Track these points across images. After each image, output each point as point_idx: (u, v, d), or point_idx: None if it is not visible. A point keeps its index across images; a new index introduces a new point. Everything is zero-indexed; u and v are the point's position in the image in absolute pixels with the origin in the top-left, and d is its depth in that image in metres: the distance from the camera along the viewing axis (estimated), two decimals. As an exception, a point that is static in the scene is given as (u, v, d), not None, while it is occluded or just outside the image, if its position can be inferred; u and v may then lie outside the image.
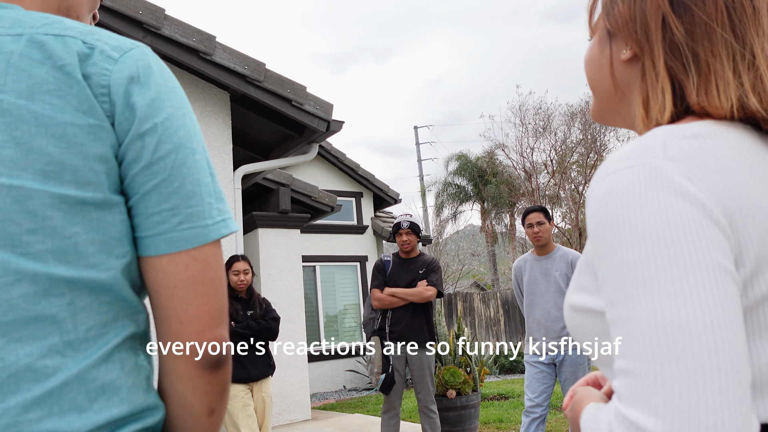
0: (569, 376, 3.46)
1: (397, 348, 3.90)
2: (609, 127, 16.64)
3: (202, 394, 0.67)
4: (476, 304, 11.93)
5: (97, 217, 0.63)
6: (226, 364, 0.68)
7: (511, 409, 6.16)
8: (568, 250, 3.65)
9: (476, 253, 21.40)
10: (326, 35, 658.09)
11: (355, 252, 10.32)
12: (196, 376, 0.66)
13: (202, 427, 0.69)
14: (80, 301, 0.62)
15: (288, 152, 5.75)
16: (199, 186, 0.67)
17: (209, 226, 0.67)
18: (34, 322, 0.60)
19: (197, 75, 5.01)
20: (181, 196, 0.66)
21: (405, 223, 4.04)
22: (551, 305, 3.52)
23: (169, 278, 0.65)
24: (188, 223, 0.66)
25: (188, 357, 0.66)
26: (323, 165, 10.46)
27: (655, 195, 0.51)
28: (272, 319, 3.88)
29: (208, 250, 0.67)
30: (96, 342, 0.63)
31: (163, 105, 0.68)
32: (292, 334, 6.62)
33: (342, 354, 9.69)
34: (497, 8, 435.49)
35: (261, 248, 6.66)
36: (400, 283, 3.98)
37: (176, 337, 0.65)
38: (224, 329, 0.68)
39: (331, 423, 6.15)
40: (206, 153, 0.71)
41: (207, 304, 0.66)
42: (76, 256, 0.62)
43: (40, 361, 0.59)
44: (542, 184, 17.13)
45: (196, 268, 0.66)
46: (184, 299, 0.65)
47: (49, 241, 0.61)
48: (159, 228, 0.65)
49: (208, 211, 0.68)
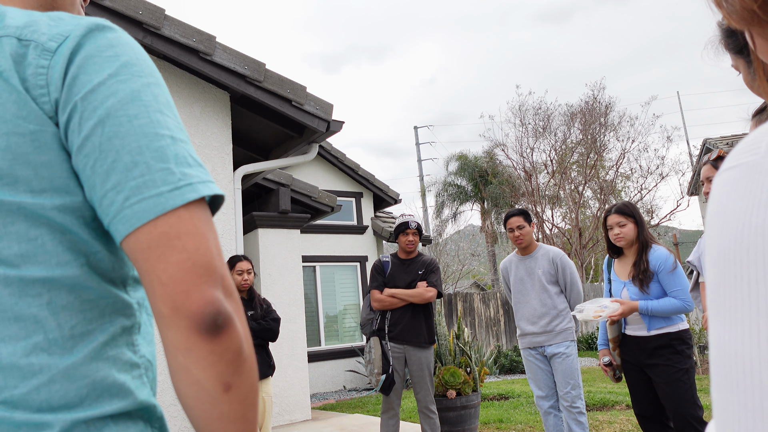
0: (559, 368, 3.58)
1: (396, 348, 3.90)
2: (609, 127, 16.63)
3: (208, 366, 0.59)
4: (476, 304, 11.93)
5: (62, 221, 0.62)
6: (228, 327, 0.60)
7: (511, 409, 6.16)
8: (549, 248, 3.79)
9: (476, 253, 21.39)
10: (318, 36, 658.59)
11: (355, 252, 10.32)
12: (195, 344, 0.58)
13: (222, 406, 0.60)
14: (59, 300, 0.62)
15: (288, 152, 5.75)
16: (142, 153, 0.60)
17: (164, 193, 0.60)
18: (15, 322, 0.60)
19: (197, 75, 5.01)
20: (119, 171, 0.60)
21: (413, 223, 4.05)
22: (537, 302, 3.69)
23: (141, 244, 0.59)
24: (135, 196, 0.59)
25: (180, 323, 0.58)
26: (323, 165, 10.46)
27: (740, 204, 0.44)
28: (273, 320, 3.89)
29: (173, 217, 0.60)
30: (83, 339, 0.63)
31: (88, 78, 0.62)
32: (292, 334, 6.62)
33: (342, 354, 9.69)
34: (486, 11, 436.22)
35: (261, 248, 6.66)
36: (400, 283, 3.98)
37: (162, 302, 0.59)
38: (215, 288, 0.60)
39: (331, 423, 6.14)
40: (164, 116, 0.64)
41: (189, 260, 0.59)
42: (45, 257, 0.61)
43: (25, 359, 0.59)
44: (542, 184, 17.13)
45: (167, 225, 0.59)
46: (161, 258, 0.59)
47: (15, 246, 0.60)
48: (110, 210, 0.60)
49: (162, 178, 0.60)
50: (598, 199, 16.57)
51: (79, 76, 0.62)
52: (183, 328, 0.58)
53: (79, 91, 0.61)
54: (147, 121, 0.62)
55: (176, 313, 0.58)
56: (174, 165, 0.62)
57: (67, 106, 0.61)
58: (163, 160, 0.61)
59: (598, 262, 16.56)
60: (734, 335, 0.43)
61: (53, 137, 0.62)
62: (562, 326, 3.63)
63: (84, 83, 0.61)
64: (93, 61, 0.62)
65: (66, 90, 0.61)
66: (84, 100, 0.61)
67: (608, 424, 5.03)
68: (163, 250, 0.59)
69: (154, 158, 0.61)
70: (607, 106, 16.68)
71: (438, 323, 5.23)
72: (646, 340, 3.05)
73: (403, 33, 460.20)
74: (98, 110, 0.61)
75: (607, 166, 17.07)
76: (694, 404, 2.89)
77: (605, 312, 3.03)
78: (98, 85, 0.61)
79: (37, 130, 0.61)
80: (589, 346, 12.63)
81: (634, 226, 3.13)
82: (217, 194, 0.65)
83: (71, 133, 0.61)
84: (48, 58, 0.62)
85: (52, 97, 0.61)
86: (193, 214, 0.61)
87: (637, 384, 3.13)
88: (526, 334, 3.72)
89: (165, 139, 0.62)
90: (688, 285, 3.02)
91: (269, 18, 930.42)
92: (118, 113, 0.61)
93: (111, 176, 0.60)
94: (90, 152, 0.61)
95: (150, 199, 0.60)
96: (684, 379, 2.91)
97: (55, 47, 0.62)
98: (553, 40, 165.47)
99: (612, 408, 5.84)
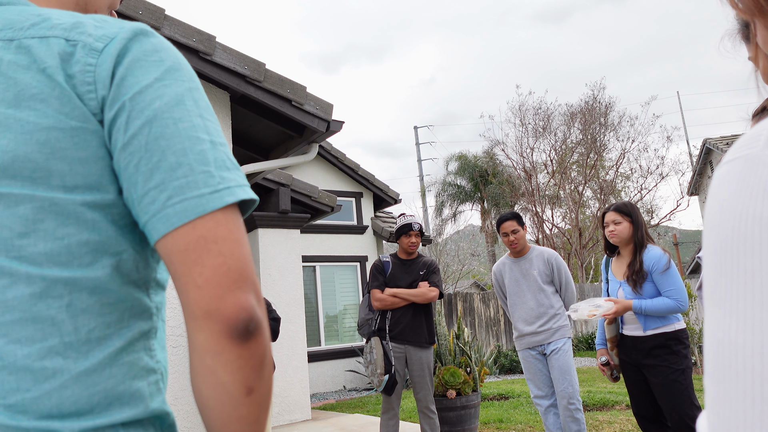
0: (555, 365, 3.61)
1: (397, 348, 3.90)
2: (609, 127, 16.64)
3: (235, 370, 0.60)
4: (476, 304, 11.93)
5: (92, 218, 0.63)
6: (258, 333, 0.61)
7: (511, 409, 6.16)
8: (542, 248, 3.86)
9: (476, 253, 21.39)
10: (316, 36, 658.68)
11: (355, 252, 10.32)
12: (225, 348, 0.59)
13: (242, 409, 0.61)
14: (80, 303, 0.61)
15: (288, 152, 5.76)
16: (186, 155, 0.62)
17: (205, 195, 0.61)
18: (32, 324, 0.59)
19: (197, 75, 5.02)
20: (164, 170, 0.61)
21: (416, 225, 4.08)
22: (533, 302, 3.74)
23: (178, 245, 0.61)
24: (178, 195, 0.61)
25: (213, 326, 0.59)
26: (323, 165, 10.46)
27: (738, 196, 0.45)
28: (273, 320, 3.89)
29: (211, 221, 0.61)
30: (99, 344, 0.62)
31: (136, 80, 0.64)
32: (292, 334, 6.62)
33: (342, 354, 9.69)
34: (485, 11, 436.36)
35: (261, 248, 6.66)
36: (401, 284, 3.99)
37: (196, 305, 0.60)
38: (249, 294, 0.61)
39: (331, 423, 6.14)
40: (204, 120, 0.66)
41: (224, 264, 0.60)
42: (69, 257, 0.61)
43: (39, 363, 0.59)
44: (542, 184, 17.13)
45: (205, 228, 0.61)
46: (198, 261, 0.60)
47: (41, 244, 0.60)
48: (151, 209, 0.61)
49: (204, 180, 0.62)
50: (598, 199, 16.57)
51: (127, 77, 0.63)
52: (215, 332, 0.59)
53: (127, 92, 0.63)
54: (190, 124, 0.64)
55: (209, 317, 0.59)
56: (214, 168, 0.63)
57: (114, 104, 0.63)
58: (204, 163, 0.63)
59: (598, 262, 16.56)
60: (731, 324, 0.44)
61: (94, 134, 0.63)
62: (558, 324, 3.68)
63: (132, 84, 0.63)
64: (140, 64, 0.64)
65: (114, 89, 0.63)
66: (132, 101, 0.63)
67: (608, 424, 5.03)
68: (200, 253, 0.60)
69: (197, 161, 0.62)
70: (607, 106, 16.68)
71: (438, 323, 5.23)
72: (642, 340, 3.06)
73: (402, 33, 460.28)
74: (146, 111, 0.62)
75: (607, 166, 17.08)
76: (691, 404, 2.90)
77: (599, 311, 3.06)
78: (146, 87, 0.63)
79: (78, 127, 0.62)
80: (589, 346, 12.64)
81: (629, 225, 3.15)
82: (252, 198, 0.66)
83: (116, 131, 0.63)
84: (95, 57, 0.63)
85: (99, 94, 0.63)
86: (229, 218, 0.63)
87: (635, 384, 3.14)
88: (524, 335, 3.75)
89: (206, 143, 0.64)
90: (682, 285, 3.03)
91: (269, 18, 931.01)
92: (164, 115, 0.63)
93: (155, 175, 0.61)
94: (135, 150, 0.62)
95: (192, 199, 0.61)
96: (680, 379, 2.92)
97: (102, 47, 0.64)
98: (552, 40, 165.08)
99: (612, 408, 5.84)
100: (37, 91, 0.62)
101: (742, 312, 0.43)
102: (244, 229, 0.65)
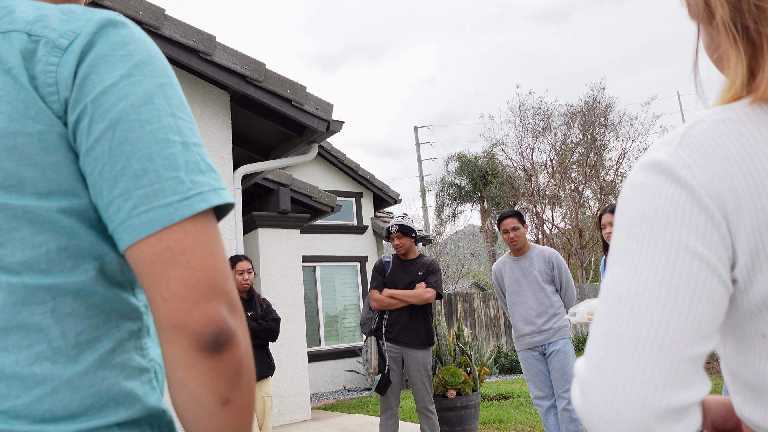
0: (556, 366, 3.61)
1: (393, 348, 3.90)
2: (609, 127, 16.64)
3: (207, 382, 0.58)
4: (476, 304, 11.93)
5: (69, 224, 0.60)
6: (230, 344, 0.59)
7: (511, 409, 6.16)
8: (543, 248, 3.86)
9: (476, 253, 21.39)
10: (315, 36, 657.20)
11: (355, 252, 10.32)
12: (195, 361, 0.57)
13: (219, 419, 0.59)
14: (64, 307, 0.60)
15: (288, 152, 5.75)
16: (152, 161, 0.58)
17: (173, 204, 0.58)
18: (17, 331, 0.58)
19: (197, 75, 5.01)
20: (128, 178, 0.58)
21: (393, 227, 4.06)
22: (533, 301, 3.74)
23: (144, 257, 0.58)
24: (144, 205, 0.58)
25: (181, 339, 0.57)
26: (323, 165, 10.46)
27: (649, 182, 0.56)
28: (273, 320, 3.89)
29: (179, 230, 0.58)
30: (89, 347, 0.61)
31: (100, 79, 0.59)
32: (292, 334, 6.62)
33: (342, 354, 9.69)
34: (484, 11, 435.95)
35: (261, 248, 6.66)
36: (399, 284, 3.98)
37: (164, 318, 0.57)
38: (219, 306, 0.58)
39: (331, 423, 6.14)
40: (176, 119, 0.62)
41: (192, 276, 0.57)
42: (49, 264, 0.59)
43: (27, 369, 0.58)
44: (542, 184, 17.13)
45: (172, 239, 0.58)
46: (164, 273, 0.57)
47: (18, 253, 0.59)
48: (117, 218, 0.58)
49: (172, 187, 0.58)
50: (598, 199, 16.57)
51: (90, 75, 0.60)
52: (184, 345, 0.57)
53: (89, 92, 0.59)
54: (159, 126, 0.60)
55: (177, 330, 0.57)
56: (184, 173, 0.60)
57: (77, 106, 0.59)
58: (173, 168, 0.59)
59: (598, 262, 16.57)
60: (628, 277, 0.54)
61: (61, 138, 0.60)
62: (559, 324, 3.68)
63: (95, 84, 0.59)
64: (105, 61, 0.60)
65: (76, 89, 0.59)
66: (95, 102, 0.59)
67: (608, 424, 5.03)
68: (167, 265, 0.57)
69: (165, 166, 0.59)
70: (607, 106, 16.68)
71: (438, 323, 5.23)
72: None
73: (401, 33, 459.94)
74: (109, 113, 0.59)
75: (607, 166, 17.08)
76: None
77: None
78: (110, 87, 0.59)
79: (44, 130, 0.59)
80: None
81: None
82: (229, 202, 0.63)
83: (80, 135, 0.59)
84: (58, 55, 0.59)
85: (61, 96, 0.59)
86: (199, 227, 0.59)
87: None
88: (524, 335, 3.75)
89: (176, 145, 0.60)
90: None
91: (268, 18, 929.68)
92: (129, 117, 0.59)
93: (119, 183, 0.58)
94: (99, 156, 0.59)
95: (158, 209, 0.58)
96: None
97: (66, 44, 0.60)
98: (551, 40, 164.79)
99: (612, 408, 5.84)
100: (3, 94, 0.58)
101: (641, 268, 0.54)
102: (217, 236, 0.61)
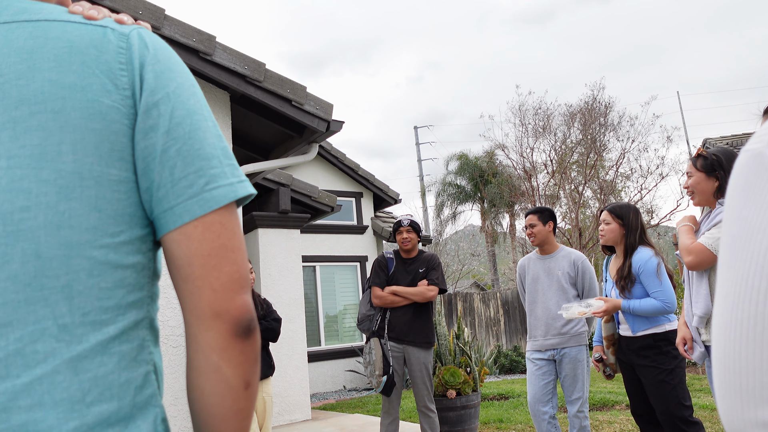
0: (569, 373, 3.52)
1: (395, 348, 3.89)
2: (609, 127, 16.63)
3: (237, 365, 0.66)
4: (476, 304, 11.93)
5: (96, 194, 0.62)
6: (255, 331, 0.68)
7: (511, 409, 6.16)
8: (571, 250, 3.74)
9: (476, 253, 21.40)
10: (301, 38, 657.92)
11: (355, 252, 10.32)
12: (230, 345, 0.66)
13: (241, 402, 0.67)
14: (77, 284, 0.60)
15: (288, 152, 5.75)
16: (215, 149, 0.69)
17: (234, 183, 0.69)
18: (25, 305, 0.58)
19: (197, 75, 5.01)
20: (203, 158, 0.68)
21: (405, 220, 4.06)
22: (552, 303, 3.59)
23: (204, 246, 0.66)
24: (214, 182, 0.67)
25: (221, 326, 0.65)
26: (323, 165, 10.46)
27: (752, 186, 0.53)
28: (273, 320, 3.88)
29: (227, 213, 0.68)
30: (93, 329, 0.61)
31: (173, 75, 0.70)
32: (292, 334, 6.62)
33: (342, 354, 9.69)
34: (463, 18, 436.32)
35: (261, 248, 6.66)
36: (401, 281, 3.97)
37: (207, 306, 0.65)
38: (249, 295, 0.69)
39: (331, 423, 6.14)
40: (216, 124, 0.73)
41: (237, 272, 0.67)
42: (69, 232, 0.60)
43: (30, 347, 0.58)
44: (542, 184, 17.13)
45: (226, 237, 0.67)
46: (217, 266, 0.66)
47: (41, 217, 0.59)
48: (188, 192, 0.66)
49: (230, 172, 0.69)
50: (598, 199, 16.57)
51: (160, 70, 0.69)
52: (222, 330, 0.66)
53: (166, 84, 0.69)
54: (213, 124, 0.72)
55: (218, 317, 0.65)
56: (232, 164, 0.71)
57: (144, 90, 0.67)
58: (227, 157, 0.70)
59: (599, 261, 16.57)
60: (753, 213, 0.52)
61: (118, 112, 0.66)
62: (576, 329, 3.54)
63: (169, 78, 0.69)
64: (170, 63, 0.71)
65: (141, 73, 0.68)
66: (175, 93, 0.68)
67: (608, 424, 5.03)
68: (220, 260, 0.66)
69: (224, 155, 0.70)
70: (606, 106, 16.68)
71: (438, 323, 5.23)
72: (633, 340, 3.10)
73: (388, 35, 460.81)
74: (186, 104, 0.69)
75: (607, 166, 17.07)
76: (679, 404, 2.92)
77: (590, 309, 3.12)
78: (182, 84, 0.70)
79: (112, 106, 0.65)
80: (589, 346, 12.64)
81: (618, 227, 3.18)
82: (252, 193, 0.73)
83: (159, 116, 0.67)
84: (125, 41, 0.68)
85: (132, 74, 0.67)
86: (233, 214, 0.69)
87: (630, 383, 3.19)
88: (538, 336, 3.61)
89: (223, 140, 0.72)
90: (670, 287, 3.04)
91: (267, 19, 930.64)
92: (198, 112, 0.70)
93: (195, 161, 0.67)
94: (179, 136, 0.67)
95: (225, 187, 0.68)
96: (668, 379, 2.95)
97: (128, 32, 0.70)
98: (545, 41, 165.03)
99: (612, 408, 5.85)
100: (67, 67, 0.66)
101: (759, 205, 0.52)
102: (241, 227, 0.72)
